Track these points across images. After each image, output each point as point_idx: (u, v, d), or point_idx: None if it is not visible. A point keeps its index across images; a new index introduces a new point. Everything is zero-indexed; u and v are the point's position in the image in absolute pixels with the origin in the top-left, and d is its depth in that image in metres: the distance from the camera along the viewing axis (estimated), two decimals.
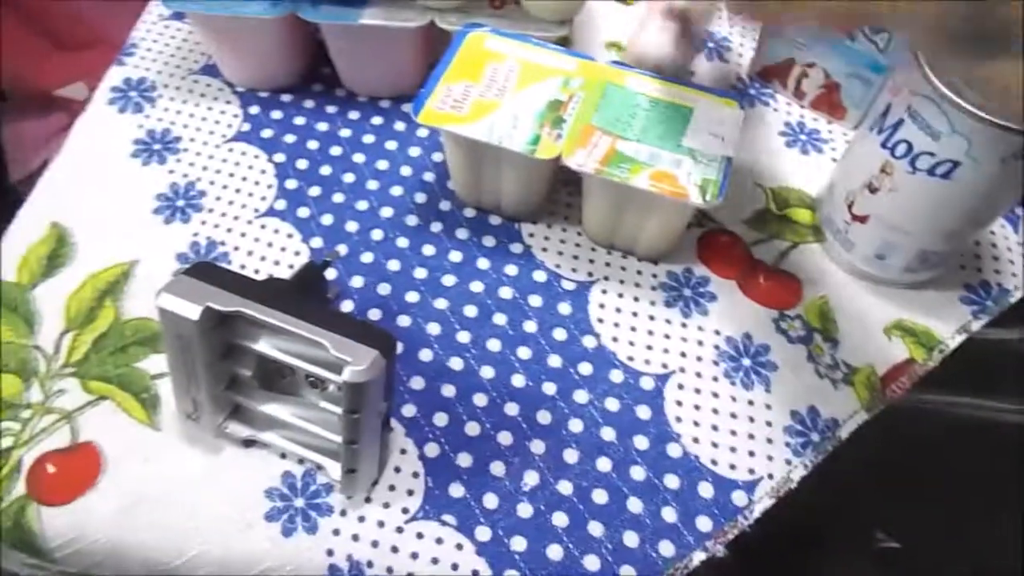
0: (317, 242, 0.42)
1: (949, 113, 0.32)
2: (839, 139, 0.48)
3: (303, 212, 0.43)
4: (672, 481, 0.36)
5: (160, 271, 0.40)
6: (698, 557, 0.34)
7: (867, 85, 0.45)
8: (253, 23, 0.42)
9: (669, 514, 0.35)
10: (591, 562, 0.33)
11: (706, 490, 0.35)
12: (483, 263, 0.42)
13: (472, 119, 0.37)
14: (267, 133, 0.46)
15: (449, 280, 0.41)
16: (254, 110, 0.47)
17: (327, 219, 0.43)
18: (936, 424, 0.45)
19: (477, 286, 0.41)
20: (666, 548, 0.34)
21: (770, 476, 0.36)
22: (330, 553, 0.33)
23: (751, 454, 0.37)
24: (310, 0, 0.42)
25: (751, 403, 0.38)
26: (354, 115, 0.47)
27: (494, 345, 0.39)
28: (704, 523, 0.35)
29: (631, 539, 0.34)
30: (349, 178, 0.45)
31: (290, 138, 0.46)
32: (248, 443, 0.35)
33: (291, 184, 0.44)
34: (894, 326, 0.41)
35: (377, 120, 0.47)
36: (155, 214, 0.42)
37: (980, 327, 0.41)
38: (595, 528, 0.34)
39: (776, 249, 0.43)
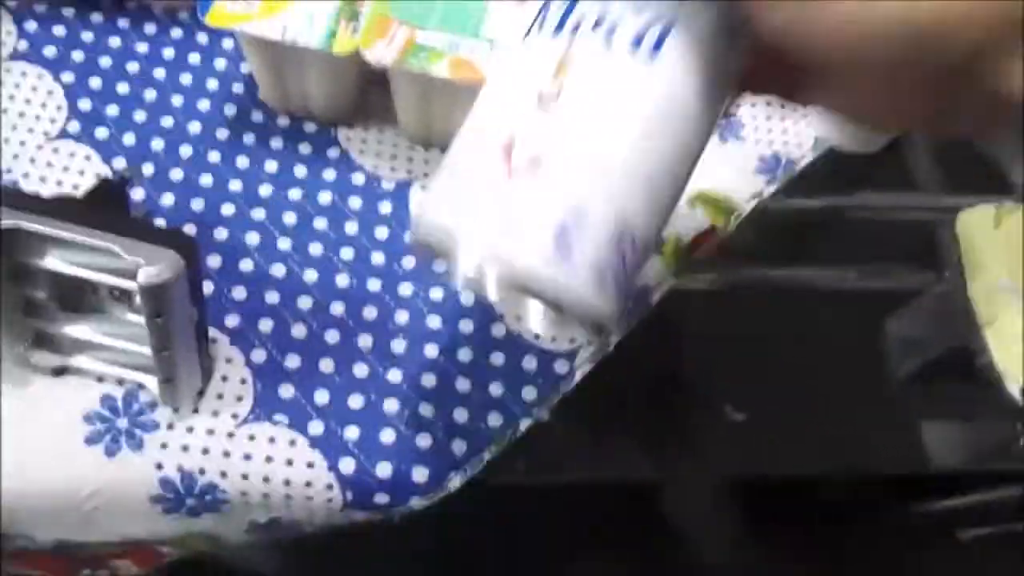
0: (120, 163, 0.40)
1: None
2: None
3: (101, 133, 0.41)
4: (497, 358, 0.37)
5: None
6: (524, 424, 0.36)
7: None
8: None
9: (496, 388, 0.37)
10: (423, 440, 0.35)
11: (530, 363, 0.38)
12: (300, 170, 0.41)
13: (263, 16, 0.36)
14: (50, 51, 0.42)
15: (266, 190, 0.40)
16: (31, 26, 0.43)
17: (129, 139, 0.41)
18: (759, 294, 0.49)
19: (295, 193, 0.40)
20: (494, 419, 0.36)
21: (589, 344, 0.39)
22: (159, 467, 0.33)
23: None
24: None
25: None
26: (150, 29, 0.44)
27: (316, 249, 0.39)
28: (529, 392, 0.37)
29: (460, 415, 0.36)
30: (150, 95, 0.42)
31: (78, 56, 0.43)
32: (59, 371, 0.34)
33: (84, 104, 0.41)
34: (696, 197, 0.44)
35: (176, 32, 0.45)
36: None
37: (772, 194, 0.45)
38: (426, 409, 0.36)
39: None
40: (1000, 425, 0.47)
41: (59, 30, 0.43)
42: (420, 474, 0.34)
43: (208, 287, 0.37)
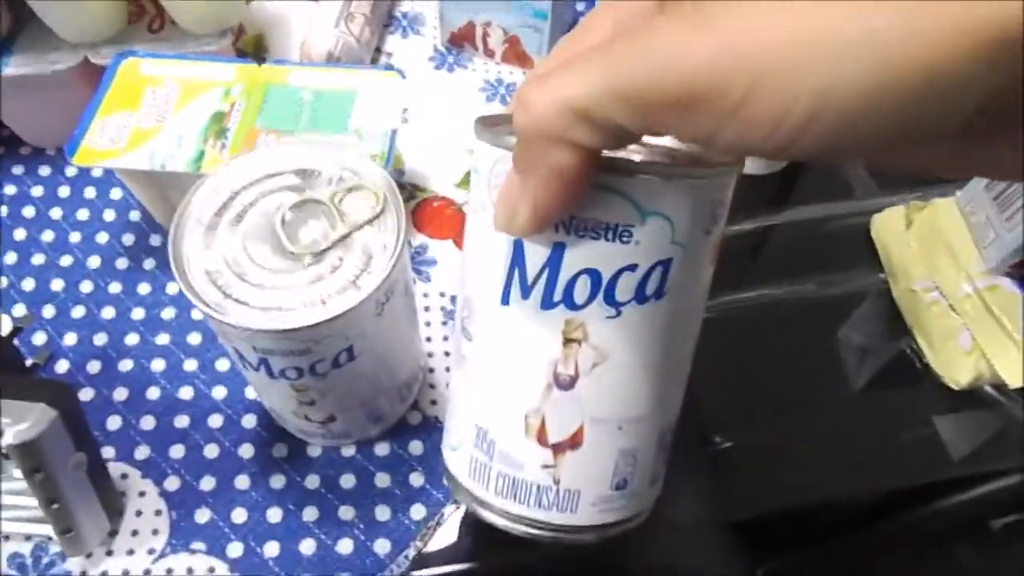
0: (20, 310, 0.40)
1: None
2: None
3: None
4: (416, 447, 0.37)
5: None
6: (448, 511, 0.35)
7: (540, 32, 0.48)
8: None
9: (417, 478, 0.36)
10: (344, 546, 0.34)
11: None
12: None
13: (131, 149, 0.36)
14: None
15: (169, 313, 0.40)
16: None
17: (28, 284, 0.41)
18: (723, 318, 0.48)
19: (199, 312, 0.40)
20: (417, 512, 0.35)
21: None
22: None
23: None
24: None
25: None
26: (44, 171, 0.45)
27: (223, 365, 0.39)
28: None
29: (383, 513, 0.35)
30: (48, 236, 0.43)
31: None
32: None
33: None
34: None
35: (71, 170, 0.45)
36: None
37: None
38: (346, 512, 0.35)
39: None
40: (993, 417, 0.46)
41: None
42: None
43: (115, 422, 0.37)
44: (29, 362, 0.38)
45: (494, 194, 0.20)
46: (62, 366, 0.38)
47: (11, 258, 0.42)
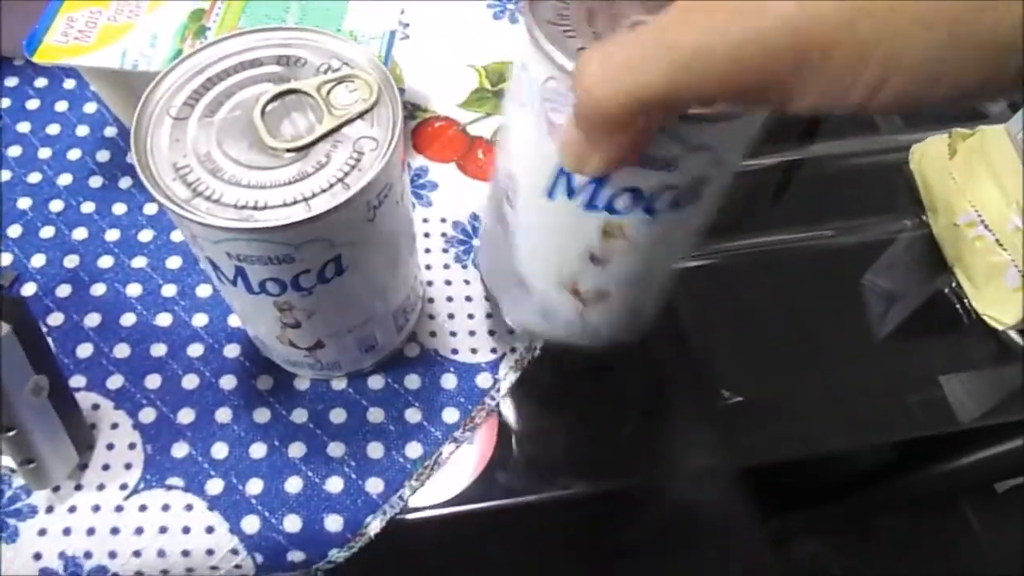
0: None
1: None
2: None
3: None
4: (413, 381, 0.34)
5: None
6: (448, 450, 0.33)
7: None
8: None
9: (413, 414, 0.33)
10: (333, 484, 0.31)
11: (449, 381, 0.34)
12: None
13: (100, 47, 0.33)
14: None
15: (146, 235, 0.37)
16: None
17: None
18: (736, 268, 0.45)
19: (178, 234, 0.37)
20: (413, 450, 0.32)
21: (513, 350, 0.35)
22: (38, 557, 0.30)
23: (491, 333, 0.35)
24: None
25: None
26: (11, 81, 0.41)
27: (204, 291, 0.36)
28: (450, 415, 0.33)
29: (375, 450, 0.32)
30: (15, 151, 0.39)
31: None
32: None
33: None
34: None
35: (41, 82, 0.42)
36: None
37: None
38: (336, 449, 0.32)
39: (494, 125, 0.41)
40: (1007, 370, 0.43)
41: None
42: (334, 522, 0.31)
43: (86, 349, 0.34)
44: None
45: (547, 108, 0.21)
46: (29, 289, 0.35)
47: None
